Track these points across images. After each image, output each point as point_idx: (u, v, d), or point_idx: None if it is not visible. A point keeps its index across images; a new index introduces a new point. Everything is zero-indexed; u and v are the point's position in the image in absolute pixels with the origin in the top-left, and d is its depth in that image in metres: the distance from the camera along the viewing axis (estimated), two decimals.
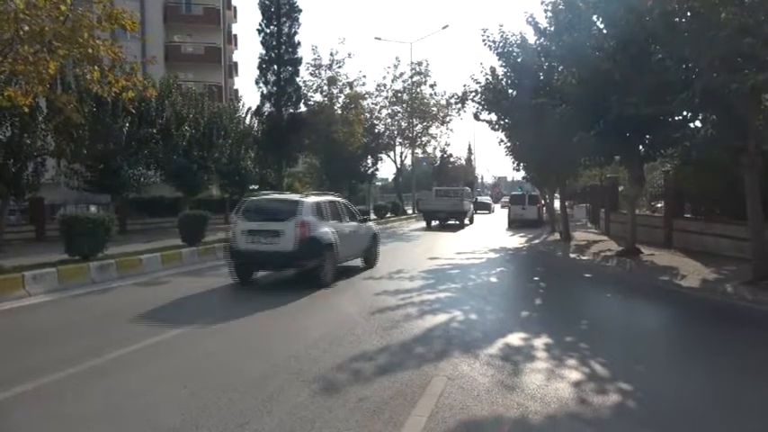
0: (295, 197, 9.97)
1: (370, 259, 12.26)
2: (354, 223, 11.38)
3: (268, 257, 9.38)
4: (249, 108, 27.85)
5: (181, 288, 9.93)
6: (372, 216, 30.53)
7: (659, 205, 18.96)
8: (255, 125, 25.47)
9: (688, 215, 15.83)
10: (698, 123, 11.70)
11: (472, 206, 29.87)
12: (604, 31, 11.78)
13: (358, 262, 12.33)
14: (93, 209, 20.23)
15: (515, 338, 6.32)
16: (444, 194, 28.30)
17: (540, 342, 6.16)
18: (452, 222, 27.56)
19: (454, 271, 12.16)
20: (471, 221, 30.29)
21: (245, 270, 10.06)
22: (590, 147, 13.02)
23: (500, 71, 16.52)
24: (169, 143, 21.50)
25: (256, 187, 30.75)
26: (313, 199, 10.01)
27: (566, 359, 5.52)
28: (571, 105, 12.61)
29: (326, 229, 9.76)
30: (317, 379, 4.92)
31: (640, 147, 13.41)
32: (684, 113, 11.53)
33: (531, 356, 5.64)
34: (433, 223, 28.01)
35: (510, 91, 16.41)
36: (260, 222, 9.53)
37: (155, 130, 21.02)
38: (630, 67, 10.71)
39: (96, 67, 9.10)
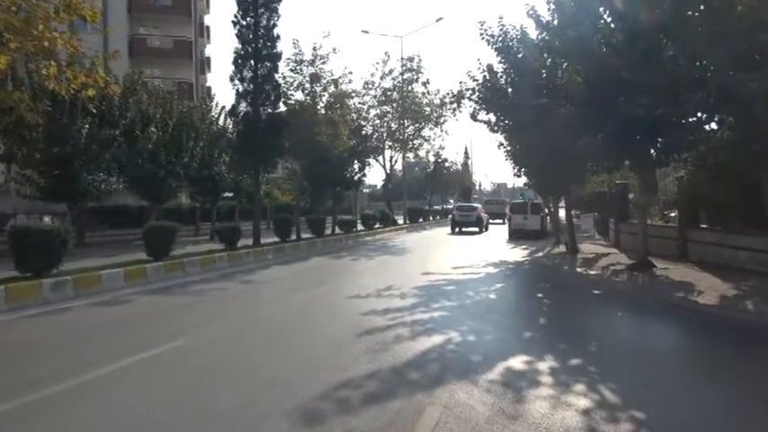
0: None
1: None
2: None
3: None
4: (223, 107, 27.82)
5: (145, 308, 9.84)
6: (359, 227, 30.57)
7: (673, 214, 19.17)
8: (230, 126, 25.37)
9: (704, 225, 16.01)
10: (714, 125, 11.89)
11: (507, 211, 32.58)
12: (612, 25, 11.97)
13: (339, 283, 12.26)
14: (47, 219, 19.94)
15: (517, 362, 6.32)
16: (495, 203, 42.15)
17: (544, 365, 6.18)
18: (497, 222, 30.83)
19: (450, 287, 12.16)
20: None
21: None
22: (597, 150, 13.17)
23: (499, 68, 16.67)
24: (133, 146, 21.36)
25: (231, 195, 30.73)
26: None
27: (573, 384, 5.54)
28: (576, 105, 12.75)
29: None
30: (299, 409, 4.88)
31: (652, 151, 13.57)
32: (699, 115, 11.72)
33: (535, 382, 5.64)
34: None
35: (510, 89, 16.55)
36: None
37: (117, 132, 20.88)
38: (640, 64, 10.87)
39: (53, 62, 9.06)
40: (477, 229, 33.66)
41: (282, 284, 13.27)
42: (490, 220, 37.93)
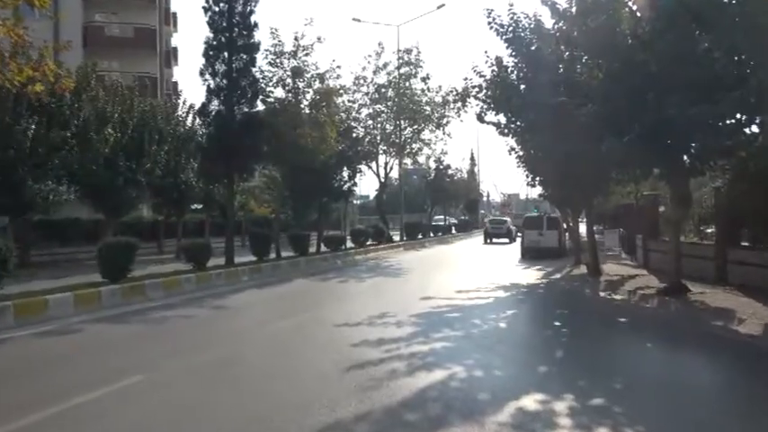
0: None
1: None
2: None
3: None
4: (192, 106, 27.89)
5: (98, 338, 9.78)
6: (349, 244, 30.55)
7: (709, 230, 19.24)
8: (200, 128, 25.41)
9: (746, 243, 16.07)
10: (755, 128, 11.99)
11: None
12: (638, 14, 12.10)
13: (326, 310, 12.22)
14: None
15: (531, 401, 6.30)
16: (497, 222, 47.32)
17: (562, 406, 6.16)
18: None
19: (453, 314, 12.15)
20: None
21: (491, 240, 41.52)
22: (622, 157, 13.23)
23: (509, 62, 16.79)
24: (87, 150, 21.33)
25: (200, 207, 30.69)
26: None
27: (595, 428, 5.52)
28: (598, 105, 12.84)
29: None
30: None
31: (685, 157, 13.66)
32: (738, 116, 11.82)
33: (552, 424, 5.63)
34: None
35: (522, 86, 16.65)
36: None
37: (69, 134, 20.87)
38: (671, 58, 10.98)
39: None
40: (506, 240, 43.53)
41: (260, 311, 13.22)
42: (494, 239, 45.10)
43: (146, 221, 30.04)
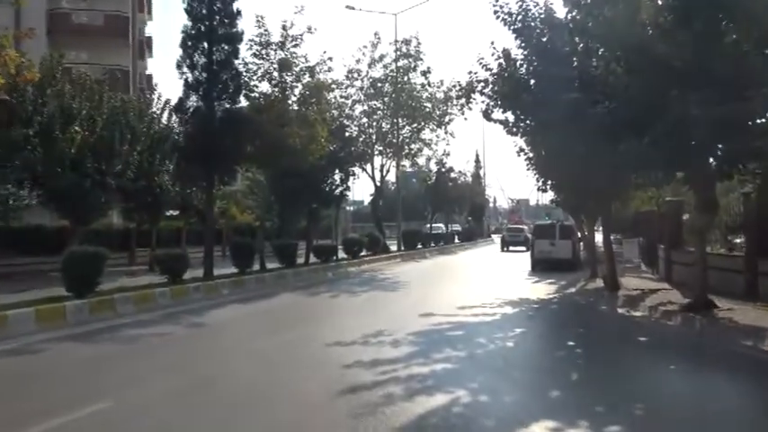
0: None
1: None
2: None
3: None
4: (167, 102, 27.78)
5: (62, 359, 9.73)
6: (341, 254, 30.52)
7: (738, 240, 19.28)
8: (176, 126, 25.38)
9: None
10: None
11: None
12: (659, 2, 12.14)
13: (315, 327, 12.19)
14: None
15: (542, 429, 6.29)
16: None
17: None
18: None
19: (456, 333, 12.13)
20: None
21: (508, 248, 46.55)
22: (642, 159, 13.25)
23: (518, 54, 16.82)
24: (52, 150, 21.24)
25: (176, 213, 30.63)
26: None
27: None
28: (616, 102, 12.88)
29: None
30: None
31: (711, 159, 13.68)
32: None
33: None
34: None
35: (532, 81, 16.69)
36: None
37: (31, 132, 20.80)
38: (696, 50, 11.01)
39: None
40: (524, 248, 43.70)
41: (242, 328, 13.18)
42: (511, 247, 48.76)
43: (116, 229, 29.93)
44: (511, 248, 47.88)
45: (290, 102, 24.79)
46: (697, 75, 11.23)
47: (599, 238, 25.53)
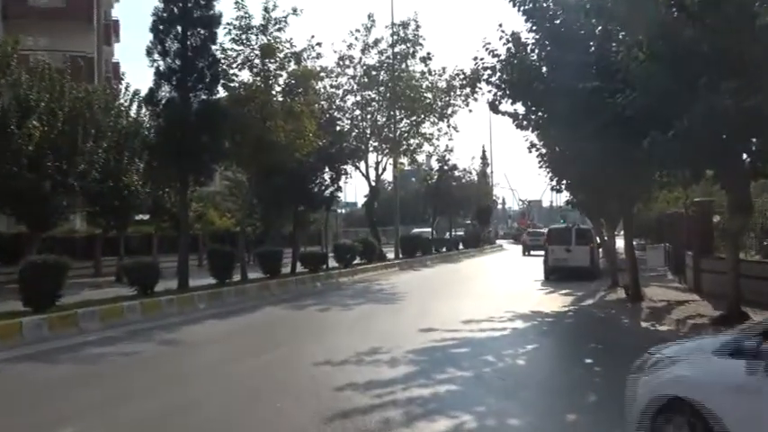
0: None
1: None
2: None
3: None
4: (137, 93, 27.80)
5: (18, 381, 9.68)
6: (332, 263, 30.50)
7: None
8: (147, 119, 25.32)
9: None
10: None
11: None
12: None
13: (303, 345, 12.15)
14: None
15: None
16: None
17: None
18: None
19: (460, 350, 12.12)
20: None
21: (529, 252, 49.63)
22: (668, 155, 13.25)
23: (529, 38, 16.84)
24: (7, 147, 21.20)
25: (146, 218, 30.56)
26: None
27: None
28: (638, 91, 12.88)
29: None
30: None
31: (744, 156, 13.69)
32: None
33: None
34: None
35: (544, 69, 16.71)
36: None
37: None
38: (726, 34, 11.01)
39: None
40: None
41: (220, 346, 13.13)
42: (532, 252, 50.12)
43: (79, 236, 29.85)
44: (532, 253, 49.20)
45: (273, 92, 24.74)
46: (728, 61, 11.23)
47: (620, 243, 25.57)
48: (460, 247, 57.38)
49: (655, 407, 5.25)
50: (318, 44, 26.66)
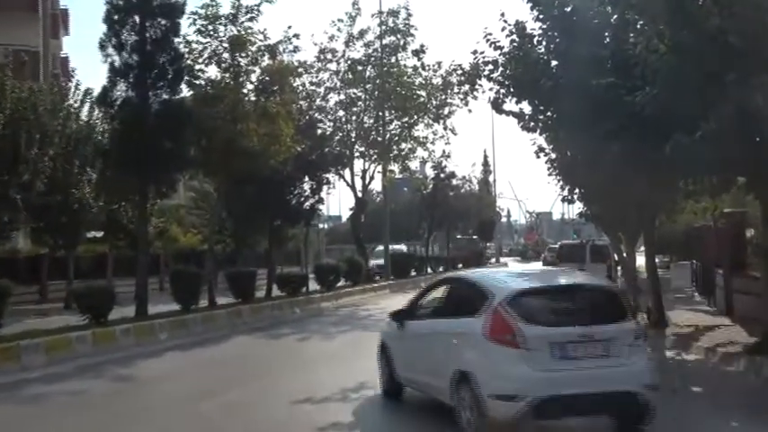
0: None
1: None
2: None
3: None
4: (89, 92, 27.72)
5: None
6: (312, 285, 30.42)
7: None
8: (100, 122, 25.24)
9: None
10: None
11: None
12: None
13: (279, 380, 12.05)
14: None
15: None
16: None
17: None
18: None
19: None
20: None
21: None
22: (694, 160, 13.27)
23: (536, 28, 16.86)
24: None
25: (100, 235, 30.40)
26: None
27: None
28: (659, 88, 12.90)
29: None
30: None
31: None
32: None
33: None
34: None
35: (553, 63, 16.74)
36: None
37: None
38: (757, 24, 11.05)
39: None
40: None
41: (183, 383, 13.05)
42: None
43: (23, 256, 29.69)
44: None
45: (245, 91, 24.76)
46: (760, 54, 11.27)
47: (640, 260, 25.58)
48: (459, 266, 57.38)
49: (380, 345, 11.70)
50: (296, 36, 26.78)
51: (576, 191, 21.34)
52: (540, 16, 16.51)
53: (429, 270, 48.42)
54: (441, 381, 9.08)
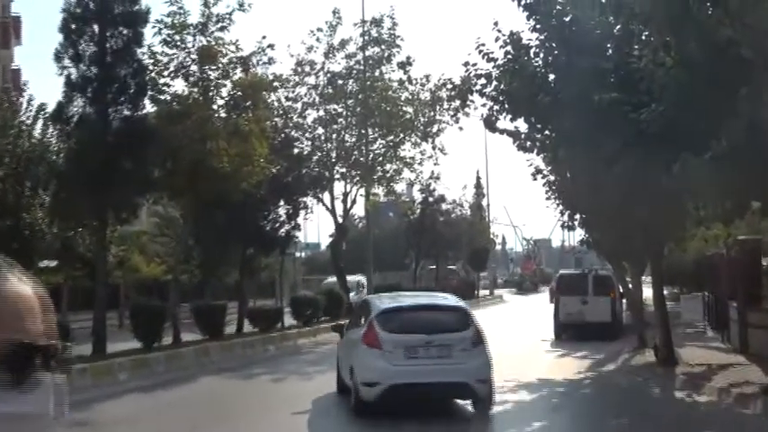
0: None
1: None
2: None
3: None
4: (42, 107, 27.62)
5: None
6: (288, 320, 30.30)
7: None
8: (55, 141, 25.16)
9: None
10: None
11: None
12: None
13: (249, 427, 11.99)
14: None
15: None
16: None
17: None
18: None
19: (450, 429, 12.24)
20: None
21: None
22: (705, 182, 13.34)
23: (532, 39, 16.97)
24: None
25: (53, 264, 30.21)
26: None
27: None
28: (666, 105, 12.99)
29: None
30: None
31: None
32: None
33: None
34: None
35: (551, 76, 16.82)
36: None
37: None
38: None
39: None
40: None
41: (144, 428, 13.03)
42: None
43: None
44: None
45: (215, 107, 24.76)
46: None
47: (647, 292, 25.64)
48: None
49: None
50: (271, 46, 26.81)
51: (577, 216, 21.45)
52: (538, 26, 16.62)
53: None
54: (347, 373, 13.86)
